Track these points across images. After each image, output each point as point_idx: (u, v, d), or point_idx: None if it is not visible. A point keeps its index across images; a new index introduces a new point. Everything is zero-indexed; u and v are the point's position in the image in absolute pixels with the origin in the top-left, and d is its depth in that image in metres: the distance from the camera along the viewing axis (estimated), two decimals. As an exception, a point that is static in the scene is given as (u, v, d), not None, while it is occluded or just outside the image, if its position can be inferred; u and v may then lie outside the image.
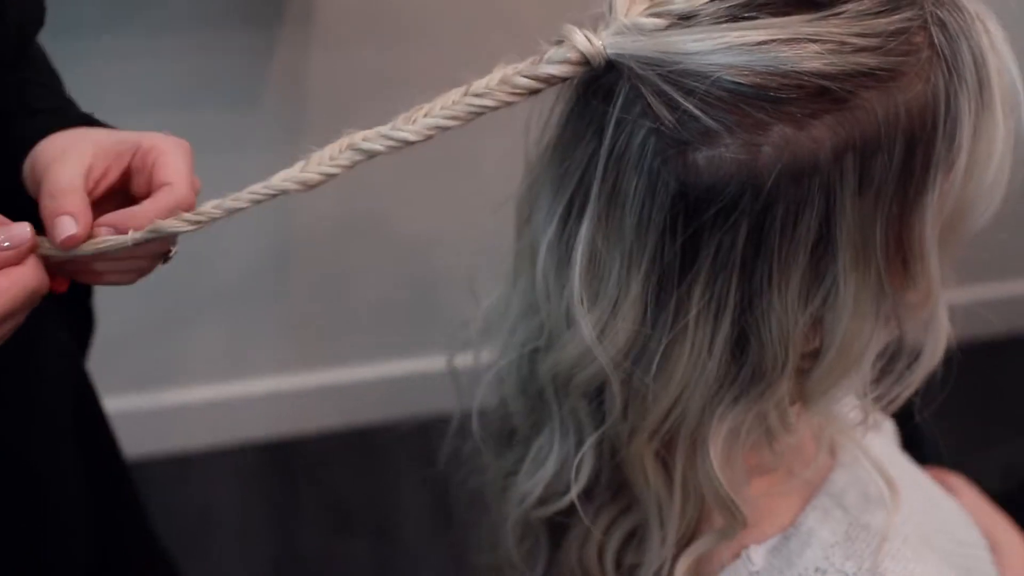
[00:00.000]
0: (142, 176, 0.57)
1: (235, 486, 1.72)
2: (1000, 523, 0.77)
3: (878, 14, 0.48)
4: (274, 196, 0.53)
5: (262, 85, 1.42)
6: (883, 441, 0.72)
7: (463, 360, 0.70)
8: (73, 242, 0.53)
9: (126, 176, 0.57)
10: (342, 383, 1.78)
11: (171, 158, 0.56)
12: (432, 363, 1.77)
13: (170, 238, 0.58)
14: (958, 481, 0.84)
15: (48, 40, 0.72)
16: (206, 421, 1.74)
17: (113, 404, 0.95)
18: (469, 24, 1.43)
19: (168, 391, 1.70)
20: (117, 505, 0.91)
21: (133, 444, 1.08)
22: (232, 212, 0.54)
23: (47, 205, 0.54)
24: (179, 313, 1.62)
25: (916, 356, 0.57)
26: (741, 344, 0.52)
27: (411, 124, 0.51)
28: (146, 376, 1.67)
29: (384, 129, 0.52)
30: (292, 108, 1.45)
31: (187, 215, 0.54)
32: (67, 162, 0.55)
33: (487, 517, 0.72)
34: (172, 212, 0.55)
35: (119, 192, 0.57)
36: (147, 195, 0.56)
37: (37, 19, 0.67)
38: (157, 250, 0.59)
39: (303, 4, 1.40)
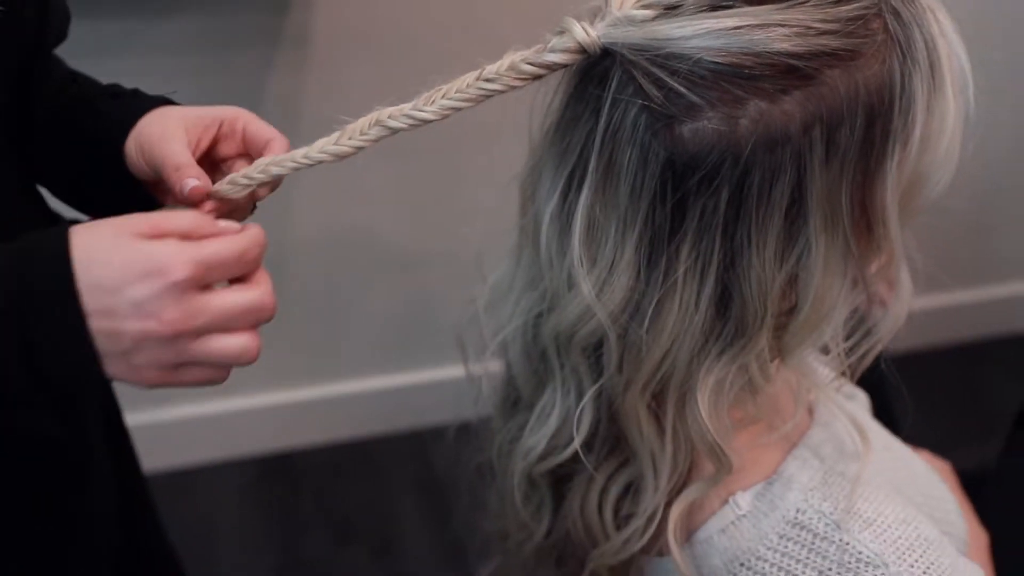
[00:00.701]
0: (232, 140, 0.66)
1: (237, 499, 1.75)
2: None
3: (838, 2, 0.55)
4: (310, 166, 0.59)
5: (260, 105, 1.47)
6: (856, 407, 0.78)
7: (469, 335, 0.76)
8: (199, 192, 0.61)
9: (213, 143, 0.66)
10: (341, 396, 1.81)
11: (259, 123, 0.66)
12: (428, 375, 1.82)
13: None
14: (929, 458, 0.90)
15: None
16: (207, 435, 1.77)
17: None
18: (464, 45, 1.49)
19: (169, 407, 1.73)
20: (137, 508, 0.95)
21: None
22: (275, 177, 0.62)
23: (173, 176, 0.62)
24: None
25: (884, 315, 0.63)
26: (725, 300, 0.58)
27: (430, 105, 0.58)
28: (146, 392, 1.70)
29: (407, 108, 0.58)
30: (289, 127, 1.49)
31: (235, 177, 0.62)
32: (172, 141, 0.63)
33: (494, 485, 0.77)
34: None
35: (206, 158, 0.66)
36: (236, 154, 0.66)
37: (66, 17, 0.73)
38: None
39: (300, 26, 1.46)
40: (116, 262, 0.52)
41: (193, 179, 0.61)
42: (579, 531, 0.70)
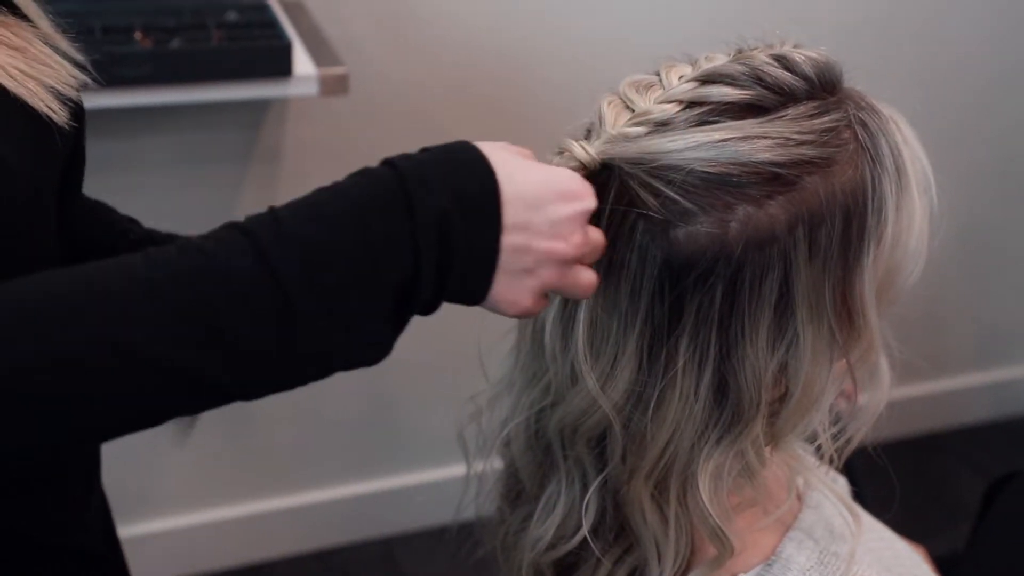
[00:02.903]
0: None
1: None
2: None
3: (812, 116, 0.61)
4: None
5: (233, 219, 1.50)
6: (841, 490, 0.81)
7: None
8: None
9: None
10: (307, 506, 1.79)
11: None
12: (395, 481, 1.82)
13: None
14: None
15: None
16: (170, 551, 1.74)
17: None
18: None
19: (130, 523, 1.70)
20: None
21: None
22: None
23: None
24: (138, 445, 1.65)
25: (864, 404, 0.68)
26: (722, 389, 0.62)
27: None
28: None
29: None
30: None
31: None
32: None
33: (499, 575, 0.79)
34: None
35: None
36: None
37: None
38: None
39: (271, 142, 1.50)
40: (535, 179, 0.54)
41: None
42: (587, 620, 0.72)
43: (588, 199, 0.56)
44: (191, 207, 1.46)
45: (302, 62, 1.25)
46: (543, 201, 0.54)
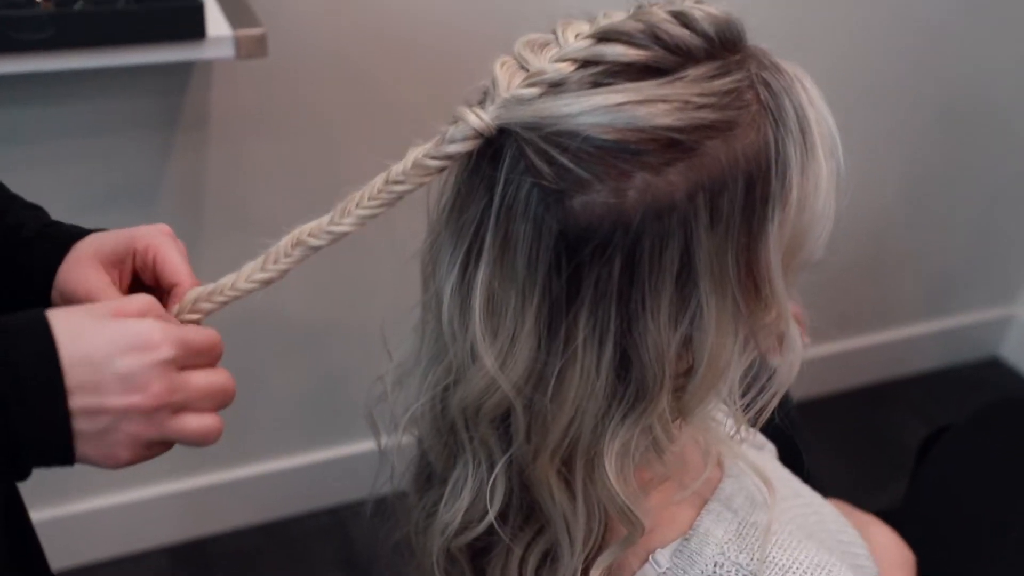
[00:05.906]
0: (147, 272, 0.65)
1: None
2: (870, 521, 0.85)
3: (713, 78, 0.58)
4: (238, 297, 0.62)
5: (160, 186, 1.46)
6: (764, 457, 0.80)
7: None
8: None
9: (133, 274, 0.66)
10: (251, 478, 1.77)
11: (167, 253, 0.65)
12: (339, 451, 1.80)
13: None
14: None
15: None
16: (113, 528, 1.71)
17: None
18: (358, 112, 1.50)
19: (71, 501, 1.67)
20: None
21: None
22: (207, 313, 0.63)
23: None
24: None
25: (775, 372, 0.66)
26: (624, 364, 0.60)
27: (347, 217, 0.60)
28: (48, 488, 1.64)
29: (324, 224, 0.60)
30: (190, 207, 1.49)
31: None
32: (99, 294, 0.63)
33: (413, 561, 0.77)
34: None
35: (134, 286, 0.66)
36: (155, 286, 0.65)
37: None
38: None
39: (198, 107, 1.45)
40: (103, 337, 0.53)
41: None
42: (502, 602, 0.70)
43: (164, 348, 0.54)
44: (115, 177, 1.41)
45: (216, 23, 1.20)
46: (109, 357, 0.53)
